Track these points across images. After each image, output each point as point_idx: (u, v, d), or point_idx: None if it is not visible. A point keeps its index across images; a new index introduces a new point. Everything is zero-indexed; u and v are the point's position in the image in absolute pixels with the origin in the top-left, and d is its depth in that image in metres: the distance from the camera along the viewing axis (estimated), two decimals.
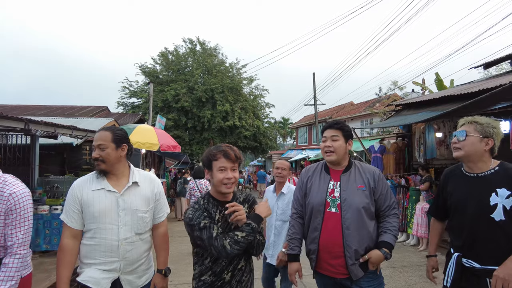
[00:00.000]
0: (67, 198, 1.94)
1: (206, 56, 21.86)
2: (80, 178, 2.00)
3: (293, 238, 2.31)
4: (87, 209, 1.90)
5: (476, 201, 1.87)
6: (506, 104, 5.21)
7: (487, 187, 1.86)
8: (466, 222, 1.92)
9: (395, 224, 2.16)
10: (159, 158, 14.34)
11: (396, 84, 22.99)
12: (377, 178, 2.19)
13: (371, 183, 2.17)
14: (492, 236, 1.80)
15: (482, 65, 9.74)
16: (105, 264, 1.90)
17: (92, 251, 1.90)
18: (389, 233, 2.12)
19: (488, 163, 1.92)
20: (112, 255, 1.91)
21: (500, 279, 1.68)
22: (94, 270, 1.89)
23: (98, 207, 1.90)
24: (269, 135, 23.62)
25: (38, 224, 5.89)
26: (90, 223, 1.91)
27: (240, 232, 1.71)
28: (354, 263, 2.07)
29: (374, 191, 2.17)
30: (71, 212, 1.90)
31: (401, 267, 5.41)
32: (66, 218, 1.91)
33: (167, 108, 20.04)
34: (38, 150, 7.60)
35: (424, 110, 7.54)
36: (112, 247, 1.90)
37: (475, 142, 1.90)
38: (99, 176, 1.98)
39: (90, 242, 1.91)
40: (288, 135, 49.34)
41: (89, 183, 1.95)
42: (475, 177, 1.93)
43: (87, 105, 16.47)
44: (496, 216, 1.79)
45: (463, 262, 1.90)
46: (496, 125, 1.94)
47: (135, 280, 2.02)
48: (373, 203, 2.17)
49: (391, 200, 2.20)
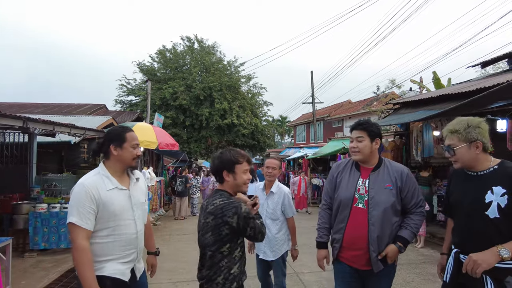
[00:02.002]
0: (78, 200, 1.88)
1: (204, 54, 21.83)
2: (87, 179, 1.96)
3: (322, 227, 2.48)
4: (107, 209, 1.93)
5: (472, 199, 1.91)
6: (503, 103, 5.24)
7: (483, 185, 1.89)
8: (462, 219, 1.96)
9: (418, 221, 2.26)
10: (157, 156, 14.33)
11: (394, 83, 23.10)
12: (405, 177, 2.28)
13: (399, 183, 2.26)
14: (487, 233, 1.83)
15: (480, 64, 9.78)
16: (124, 257, 2.01)
17: (110, 248, 1.96)
18: (408, 229, 2.23)
19: (486, 162, 1.94)
20: (130, 247, 2.03)
21: (472, 261, 1.73)
22: (116, 263, 1.97)
23: (118, 205, 1.98)
24: (267, 133, 23.64)
25: (36, 222, 5.88)
26: (108, 222, 1.95)
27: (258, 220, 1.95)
28: (376, 257, 2.21)
29: (401, 190, 2.26)
30: (87, 213, 1.87)
31: (398, 264, 5.36)
32: (79, 221, 1.85)
33: (165, 106, 20.00)
34: (36, 148, 7.59)
35: (422, 109, 7.57)
36: (131, 240, 2.03)
37: (464, 151, 1.92)
38: (109, 176, 2.02)
39: (107, 240, 1.95)
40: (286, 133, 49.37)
41: (102, 183, 1.97)
42: (474, 176, 1.96)
43: (84, 103, 16.41)
44: (491, 214, 1.81)
45: (461, 258, 1.93)
46: (477, 124, 1.92)
47: (140, 266, 2.18)
48: (400, 202, 2.27)
49: (418, 198, 2.29)
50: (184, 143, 19.86)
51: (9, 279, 4.18)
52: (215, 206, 1.88)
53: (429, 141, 7.74)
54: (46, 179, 7.52)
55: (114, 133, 2.08)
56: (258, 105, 23.62)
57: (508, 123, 5.57)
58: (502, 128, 5.60)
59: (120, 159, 2.05)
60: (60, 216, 6.00)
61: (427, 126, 7.76)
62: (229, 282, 1.87)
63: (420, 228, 2.30)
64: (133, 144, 2.08)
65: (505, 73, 7.92)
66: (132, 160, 2.08)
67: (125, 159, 2.06)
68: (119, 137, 2.04)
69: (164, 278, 4.89)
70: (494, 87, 4.93)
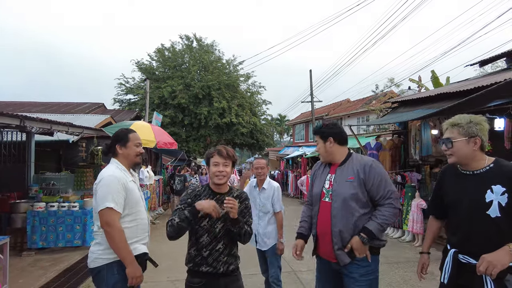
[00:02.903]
0: (112, 188, 2.17)
1: (203, 53, 21.79)
2: (115, 170, 2.27)
3: (302, 220, 2.62)
4: (131, 196, 2.27)
5: (472, 198, 1.89)
6: (501, 101, 5.25)
7: (482, 184, 1.87)
8: (462, 218, 1.94)
9: (386, 213, 2.23)
10: (156, 155, 14.30)
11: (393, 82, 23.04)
12: (367, 170, 2.28)
13: (361, 175, 2.28)
14: (488, 233, 1.82)
15: (478, 63, 9.79)
16: (143, 239, 2.36)
17: (134, 231, 2.28)
18: (374, 220, 2.23)
19: (481, 161, 1.92)
20: (146, 231, 2.40)
21: (487, 262, 1.70)
22: (141, 245, 2.32)
23: (136, 194, 2.34)
24: (266, 132, 23.62)
25: (34, 221, 5.87)
26: (132, 208, 2.27)
27: (177, 218, 2.11)
28: (339, 249, 2.24)
29: (365, 182, 2.28)
30: (121, 199, 2.19)
31: (396, 263, 5.46)
32: (116, 206, 2.15)
33: (163, 105, 19.97)
34: (34, 147, 7.57)
35: (420, 108, 7.57)
36: (146, 226, 2.40)
37: (463, 145, 1.92)
38: (124, 170, 2.35)
39: (132, 224, 2.28)
40: (285, 132, 49.34)
41: (125, 175, 2.30)
42: (471, 175, 1.94)
43: (83, 102, 16.36)
44: (492, 213, 1.80)
45: (460, 258, 1.92)
46: (479, 121, 1.92)
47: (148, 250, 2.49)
48: (364, 193, 2.29)
49: (385, 190, 2.26)
50: (183, 142, 19.84)
51: (6, 278, 4.17)
52: None
53: (427, 139, 7.75)
54: (44, 178, 7.51)
55: (120, 135, 2.42)
56: (257, 104, 23.60)
57: (505, 121, 5.58)
58: (499, 127, 5.62)
59: (126, 156, 2.38)
60: (58, 215, 5.99)
61: (425, 124, 7.77)
62: (186, 260, 2.25)
63: (391, 220, 2.27)
64: (136, 143, 2.42)
65: (503, 71, 7.93)
66: (135, 157, 2.42)
67: (130, 156, 2.39)
68: (124, 137, 2.39)
69: (162, 277, 4.90)
70: (492, 86, 4.93)
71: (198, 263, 2.18)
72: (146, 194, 8.90)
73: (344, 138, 2.46)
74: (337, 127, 2.48)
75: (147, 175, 9.68)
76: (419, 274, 2.26)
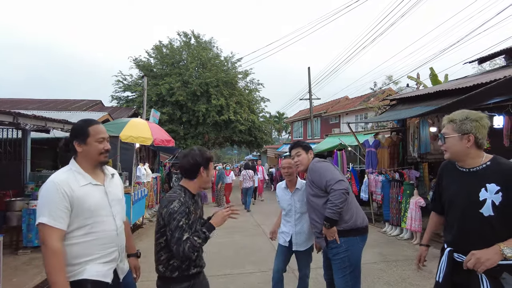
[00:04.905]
0: (49, 198, 1.77)
1: (201, 50, 21.67)
2: (58, 175, 1.86)
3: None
4: (82, 206, 1.82)
5: (466, 196, 1.88)
6: (500, 98, 5.21)
7: (477, 182, 1.85)
8: (456, 216, 1.93)
9: (332, 198, 2.70)
10: (154, 152, 14.25)
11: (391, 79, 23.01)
12: (310, 172, 2.98)
13: (309, 177, 2.99)
14: (481, 231, 1.81)
15: (477, 60, 9.76)
16: (105, 256, 1.90)
17: (88, 247, 1.84)
18: (328, 208, 2.71)
19: (477, 158, 1.90)
20: (111, 246, 1.93)
21: (475, 258, 1.69)
22: (97, 265, 1.85)
23: (93, 201, 1.88)
24: (264, 130, 23.53)
25: (29, 219, 5.81)
26: (86, 219, 1.84)
27: (198, 238, 1.98)
28: (318, 237, 2.96)
29: (312, 181, 2.93)
30: (60, 212, 1.75)
31: (395, 261, 5.44)
32: (52, 221, 1.73)
33: (161, 102, 19.88)
34: (30, 145, 7.50)
35: (419, 105, 7.54)
36: (112, 238, 1.94)
37: (455, 142, 1.91)
38: (81, 172, 1.92)
39: (86, 239, 1.84)
40: (283, 129, 49.30)
41: (74, 180, 1.86)
42: (467, 172, 1.93)
43: (80, 99, 16.28)
44: (485, 211, 1.79)
45: (455, 257, 1.90)
46: (476, 118, 1.88)
47: (123, 266, 2.08)
48: (315, 190, 2.92)
49: (324, 181, 2.79)
50: (181, 139, 19.76)
51: (0, 276, 4.12)
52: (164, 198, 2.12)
53: (426, 137, 7.73)
54: (40, 175, 7.44)
55: (76, 129, 1.96)
56: (255, 101, 23.50)
57: (504, 119, 5.55)
58: (498, 124, 5.59)
59: (85, 155, 1.93)
60: None
61: (424, 122, 7.74)
62: (169, 271, 2.04)
63: (338, 202, 2.67)
64: (98, 138, 1.94)
65: (502, 69, 7.90)
66: (99, 155, 1.95)
67: (90, 155, 1.93)
68: (81, 132, 1.92)
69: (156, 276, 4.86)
70: (491, 83, 4.90)
71: (185, 268, 2.07)
72: (144, 192, 8.86)
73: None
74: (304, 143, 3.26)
75: (144, 172, 9.64)
76: (417, 265, 2.35)
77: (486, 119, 1.91)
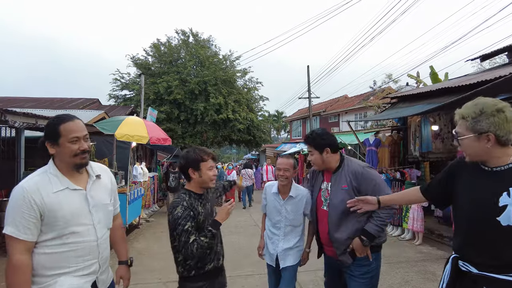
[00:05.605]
0: (15, 206, 1.58)
1: (199, 48, 21.48)
2: (29, 180, 1.66)
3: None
4: (55, 214, 1.63)
5: (483, 199, 1.55)
6: (505, 96, 5.08)
7: (499, 184, 1.53)
8: (467, 221, 1.62)
9: (383, 214, 2.31)
10: (151, 151, 14.11)
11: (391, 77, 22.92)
12: (360, 178, 2.36)
13: (354, 183, 2.37)
14: (494, 242, 1.51)
15: (479, 57, 9.65)
16: (82, 269, 1.70)
17: (63, 259, 1.66)
18: (371, 223, 2.32)
19: (504, 157, 1.55)
20: (90, 258, 1.73)
21: None
22: (71, 277, 1.66)
23: (69, 209, 1.67)
24: (263, 129, 23.39)
25: None
26: (61, 229, 1.65)
27: (204, 238, 2.02)
28: (342, 253, 2.39)
29: (358, 189, 2.36)
30: (25, 222, 1.57)
31: (397, 263, 5.31)
32: (16, 231, 1.55)
33: (159, 101, 19.69)
34: (24, 143, 7.34)
35: (420, 103, 7.43)
36: (90, 249, 1.73)
37: (471, 143, 1.56)
38: (58, 175, 1.71)
39: (60, 250, 1.65)
40: (282, 128, 49.24)
41: (48, 184, 1.66)
42: (488, 171, 1.60)
43: (77, 97, 16.10)
44: (503, 220, 1.47)
45: (459, 265, 1.65)
46: (493, 111, 1.50)
47: (105, 278, 1.88)
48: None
49: (379, 194, 2.29)
50: (179, 138, 19.60)
51: None
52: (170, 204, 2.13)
53: (427, 135, 7.63)
54: None
55: (47, 128, 1.73)
56: (254, 100, 23.35)
57: None
58: None
59: (60, 157, 1.71)
60: None
61: (425, 120, 7.64)
62: (186, 271, 2.10)
63: (387, 220, 2.37)
64: (71, 137, 1.68)
65: (504, 67, 7.79)
66: (73, 157, 1.70)
67: (64, 157, 1.70)
68: (52, 131, 1.69)
69: (154, 278, 4.73)
70: (496, 80, 4.78)
71: (201, 266, 2.13)
72: (140, 192, 8.72)
73: (338, 145, 2.53)
74: (331, 135, 2.53)
75: (141, 171, 9.50)
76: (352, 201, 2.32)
77: (509, 110, 1.51)
